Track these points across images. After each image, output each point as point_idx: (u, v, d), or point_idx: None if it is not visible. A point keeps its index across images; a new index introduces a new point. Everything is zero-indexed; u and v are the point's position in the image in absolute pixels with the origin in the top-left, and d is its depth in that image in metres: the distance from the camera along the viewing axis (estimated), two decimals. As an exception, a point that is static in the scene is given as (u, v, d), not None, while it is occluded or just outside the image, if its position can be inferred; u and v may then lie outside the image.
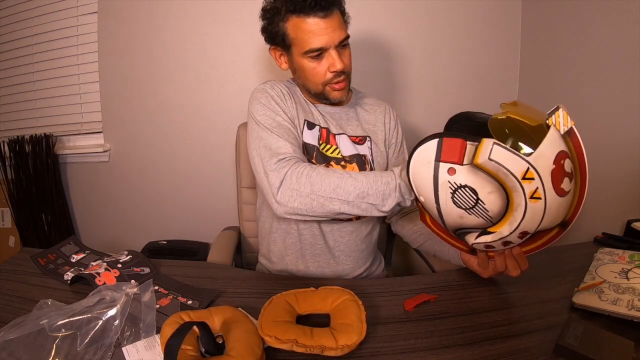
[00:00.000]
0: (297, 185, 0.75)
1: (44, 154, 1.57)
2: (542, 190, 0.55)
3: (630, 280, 0.68)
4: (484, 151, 0.54)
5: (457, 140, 0.57)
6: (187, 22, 1.50)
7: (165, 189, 1.66)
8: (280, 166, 0.77)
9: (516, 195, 0.56)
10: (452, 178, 0.58)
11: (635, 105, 1.07)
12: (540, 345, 0.57)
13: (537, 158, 0.54)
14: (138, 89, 1.57)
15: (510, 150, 0.54)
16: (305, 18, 0.81)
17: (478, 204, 0.58)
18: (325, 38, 0.81)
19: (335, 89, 0.88)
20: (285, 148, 0.80)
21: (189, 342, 0.52)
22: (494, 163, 0.54)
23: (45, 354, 0.53)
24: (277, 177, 0.76)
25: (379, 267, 1.04)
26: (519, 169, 0.54)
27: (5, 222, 1.70)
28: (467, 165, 0.56)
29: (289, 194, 0.75)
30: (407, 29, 1.51)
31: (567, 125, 0.57)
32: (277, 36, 0.86)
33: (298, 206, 0.75)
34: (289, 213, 0.77)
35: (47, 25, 1.54)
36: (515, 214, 0.57)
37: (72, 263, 0.81)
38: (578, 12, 1.25)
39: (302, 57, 0.84)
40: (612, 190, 1.14)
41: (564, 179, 0.56)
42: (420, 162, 0.60)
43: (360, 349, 0.56)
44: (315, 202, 0.74)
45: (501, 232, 0.60)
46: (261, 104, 0.87)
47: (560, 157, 0.55)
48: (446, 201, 0.60)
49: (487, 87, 1.58)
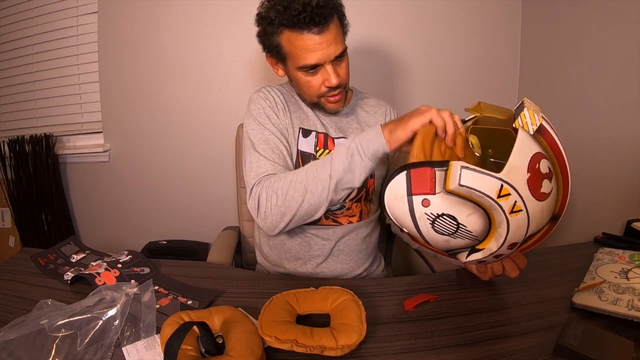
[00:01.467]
0: (267, 202, 0.76)
1: (44, 154, 1.57)
2: (521, 202, 0.53)
3: (630, 280, 0.68)
4: (453, 177, 0.52)
5: (424, 170, 0.55)
6: (187, 22, 1.50)
7: (165, 189, 1.66)
8: (254, 192, 0.79)
9: (496, 214, 0.54)
10: (428, 209, 0.56)
11: (635, 105, 1.07)
12: (540, 345, 0.57)
13: (509, 172, 0.52)
14: (138, 89, 1.57)
15: (479, 171, 0.52)
16: (299, 33, 0.77)
17: (460, 228, 0.57)
18: (320, 54, 0.78)
19: (330, 102, 0.87)
20: (264, 167, 0.81)
21: (189, 342, 0.52)
22: (465, 188, 0.52)
23: (45, 354, 0.53)
24: (254, 202, 0.79)
25: (379, 267, 1.04)
26: (492, 188, 0.52)
27: (5, 222, 1.70)
28: (440, 193, 0.55)
29: (264, 213, 0.77)
30: (407, 28, 1.51)
31: (535, 124, 0.55)
32: (272, 47, 0.84)
33: (275, 220, 0.77)
34: (272, 230, 0.79)
35: (47, 25, 1.54)
36: (499, 230, 0.56)
37: (72, 263, 0.81)
38: (578, 12, 1.25)
39: (297, 70, 0.83)
40: (612, 190, 1.14)
41: (542, 182, 0.54)
42: (394, 198, 0.58)
43: (360, 349, 0.56)
44: (283, 207, 0.75)
45: (489, 248, 0.59)
46: (252, 117, 0.88)
47: (535, 161, 0.54)
48: (428, 231, 0.59)
49: (487, 87, 1.58)
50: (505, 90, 1.58)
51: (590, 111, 1.21)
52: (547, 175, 0.55)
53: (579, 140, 1.22)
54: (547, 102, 1.39)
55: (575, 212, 1.24)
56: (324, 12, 0.76)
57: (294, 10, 0.75)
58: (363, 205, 0.94)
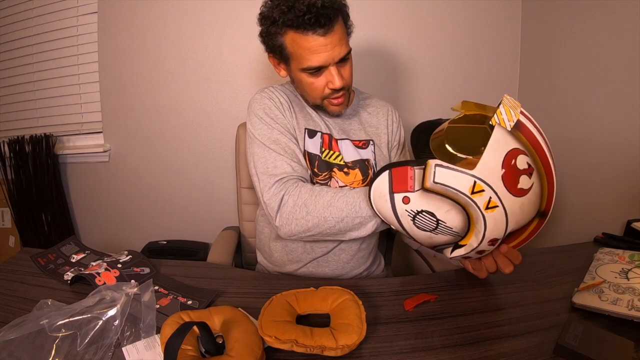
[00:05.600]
0: (294, 209, 0.76)
1: (44, 154, 1.57)
2: (496, 198, 0.54)
3: (630, 280, 0.68)
4: (429, 175, 0.55)
5: (404, 169, 0.58)
6: (187, 22, 1.50)
7: (165, 189, 1.66)
8: (277, 190, 0.78)
9: (472, 210, 0.56)
10: (409, 207, 0.59)
11: (635, 105, 1.07)
12: (540, 345, 0.57)
13: (482, 169, 0.53)
14: (138, 89, 1.57)
15: (453, 169, 0.54)
16: (303, 35, 0.76)
17: (440, 225, 0.59)
18: (325, 56, 0.78)
19: (333, 104, 0.87)
20: (282, 168, 0.80)
21: (189, 342, 0.52)
22: (440, 185, 0.55)
23: (45, 354, 0.53)
24: (274, 201, 0.77)
25: (379, 267, 1.04)
26: (465, 185, 0.54)
27: (5, 222, 1.70)
28: (419, 191, 0.58)
29: (286, 218, 0.77)
30: (407, 29, 1.51)
31: (512, 120, 0.55)
32: (275, 47, 0.82)
33: (296, 229, 0.77)
34: (289, 235, 0.79)
35: (47, 25, 1.54)
36: (478, 226, 0.58)
37: (72, 263, 0.81)
38: (578, 11, 1.25)
39: (300, 72, 0.82)
40: (612, 190, 1.14)
41: (519, 178, 0.55)
42: (378, 197, 0.61)
43: (360, 349, 0.56)
44: (310, 223, 0.75)
45: (470, 244, 0.61)
46: (258, 117, 0.86)
47: (510, 157, 0.55)
48: (411, 228, 0.61)
49: (487, 87, 1.57)
50: (506, 90, 1.57)
51: (590, 111, 1.21)
52: (525, 171, 0.56)
53: (579, 140, 1.22)
54: (547, 102, 1.39)
55: (575, 212, 1.24)
56: (328, 13, 0.75)
57: (299, 11, 0.74)
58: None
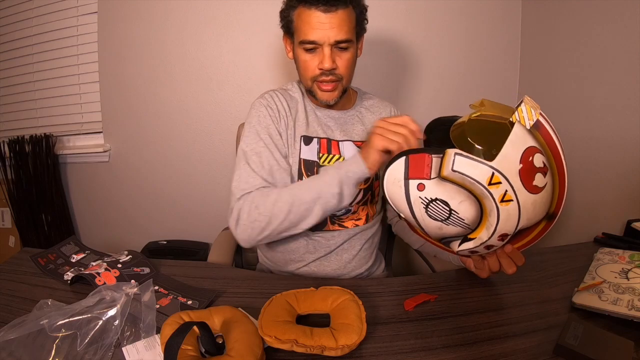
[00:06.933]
0: (249, 214, 0.78)
1: (44, 154, 1.57)
2: (512, 192, 0.54)
3: (630, 280, 0.68)
4: (448, 163, 0.55)
5: (422, 156, 0.58)
6: (187, 22, 1.50)
7: (166, 188, 1.66)
8: (236, 207, 0.80)
9: (487, 201, 0.56)
10: (423, 194, 0.59)
11: (635, 105, 1.07)
12: (540, 345, 0.57)
13: (501, 161, 0.54)
14: (138, 89, 1.57)
15: (472, 159, 0.54)
16: (308, 9, 0.80)
17: (452, 215, 0.59)
18: (320, 33, 0.80)
19: (322, 89, 0.87)
20: (251, 183, 0.82)
21: (189, 342, 0.52)
22: (458, 174, 0.54)
23: (45, 354, 0.53)
24: (234, 217, 0.80)
25: (380, 268, 1.04)
26: (483, 176, 0.54)
27: (5, 222, 1.70)
28: (435, 179, 0.57)
29: (243, 224, 0.79)
30: (407, 29, 1.51)
31: (532, 119, 0.56)
32: (287, 23, 0.87)
33: (253, 233, 0.79)
34: (249, 242, 0.81)
35: (47, 25, 1.55)
36: (490, 219, 0.57)
37: (72, 263, 0.81)
38: (578, 11, 1.25)
39: (298, 46, 0.85)
40: (612, 190, 1.14)
41: (535, 175, 0.55)
42: (392, 182, 0.61)
43: (360, 349, 0.56)
44: (263, 222, 0.77)
45: (480, 237, 0.60)
46: (250, 125, 0.89)
47: (528, 154, 0.55)
48: (422, 216, 0.61)
49: (487, 87, 1.58)
50: (506, 90, 1.58)
51: (590, 111, 1.21)
52: (540, 169, 0.56)
53: (579, 140, 1.22)
54: (547, 102, 1.39)
55: (575, 212, 1.24)
56: None
57: None
58: (369, 208, 0.94)
